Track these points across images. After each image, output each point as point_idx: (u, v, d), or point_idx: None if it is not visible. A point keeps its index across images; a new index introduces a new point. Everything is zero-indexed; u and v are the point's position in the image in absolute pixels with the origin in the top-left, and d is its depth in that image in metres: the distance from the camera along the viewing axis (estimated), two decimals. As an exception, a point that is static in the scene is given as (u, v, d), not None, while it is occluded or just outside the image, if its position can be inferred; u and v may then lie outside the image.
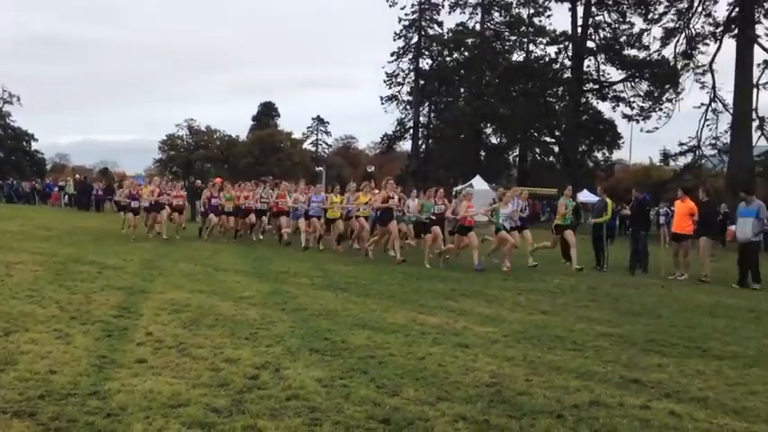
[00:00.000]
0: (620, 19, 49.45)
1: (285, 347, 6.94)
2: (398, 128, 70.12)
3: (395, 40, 69.27)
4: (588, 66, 51.99)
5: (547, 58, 54.36)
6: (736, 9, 40.52)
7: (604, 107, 54.85)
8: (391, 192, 17.35)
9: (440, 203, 16.95)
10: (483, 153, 64.06)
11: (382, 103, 70.12)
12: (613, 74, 51.26)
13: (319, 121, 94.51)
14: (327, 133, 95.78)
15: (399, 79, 69.50)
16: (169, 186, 22.13)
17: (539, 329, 8.58)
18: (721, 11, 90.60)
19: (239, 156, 68.87)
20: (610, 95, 51.65)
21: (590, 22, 50.75)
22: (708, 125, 42.45)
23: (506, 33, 61.62)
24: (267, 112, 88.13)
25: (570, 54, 52.12)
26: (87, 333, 7.25)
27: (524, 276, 14.47)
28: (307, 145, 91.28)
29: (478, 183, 42.04)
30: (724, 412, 5.46)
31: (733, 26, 40.77)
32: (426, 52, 68.73)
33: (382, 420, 4.91)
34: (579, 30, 51.12)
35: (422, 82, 68.06)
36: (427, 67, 68.12)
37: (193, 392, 5.33)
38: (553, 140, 57.21)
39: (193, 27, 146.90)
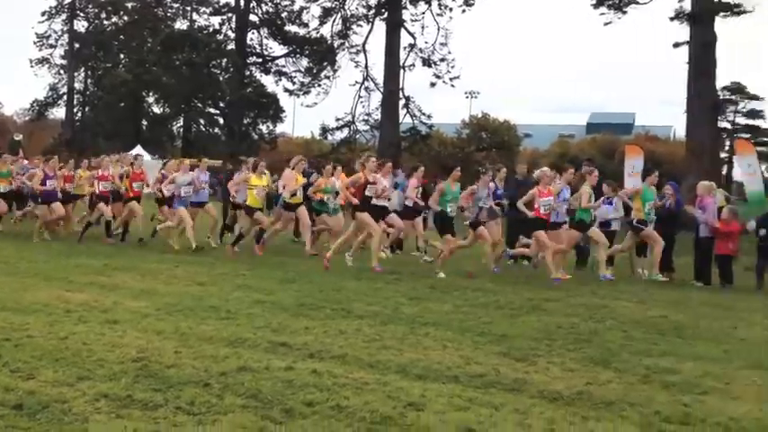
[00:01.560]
0: (282, -5, 50.61)
1: None
2: (51, 93, 64.91)
3: (46, -2, 63.93)
4: (252, 39, 52.56)
5: (211, 29, 53.98)
6: (386, -6, 43.60)
7: (268, 81, 56.00)
8: (370, 174, 12.48)
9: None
10: (145, 123, 61.85)
11: (32, 66, 64.37)
12: (276, 48, 52.45)
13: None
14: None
15: (52, 41, 64.26)
16: None
17: (194, 300, 8.56)
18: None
19: None
20: (273, 69, 52.74)
21: (252, -4, 51.27)
22: (361, 102, 45.42)
23: (168, 0, 59.92)
24: None
25: (234, 26, 52.23)
26: None
27: (183, 250, 14.26)
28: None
29: (139, 153, 40.52)
30: (360, 367, 5.91)
31: (383, 10, 43.80)
32: (82, 14, 64.30)
33: (14, 406, 4.58)
34: (242, 2, 51.37)
35: (77, 45, 63.62)
36: (83, 30, 63.83)
37: None
38: (218, 112, 57.03)
39: None
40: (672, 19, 34.03)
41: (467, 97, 67.51)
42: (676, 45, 34.74)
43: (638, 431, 4.65)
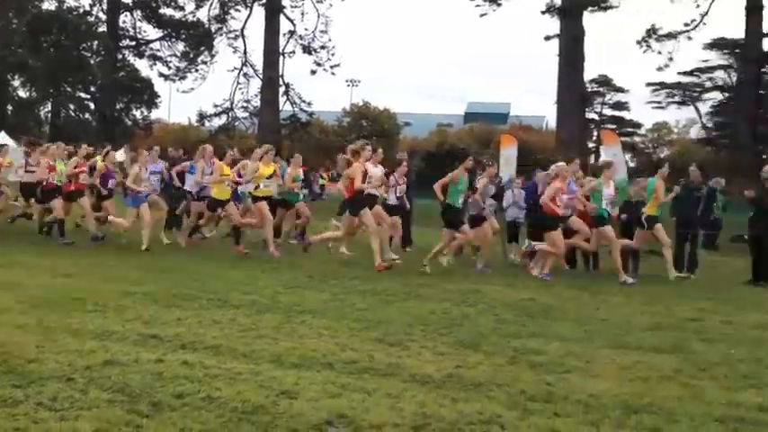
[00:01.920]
0: (155, -23, 49.07)
1: None
2: None
3: None
4: (125, 22, 50.72)
5: (81, 10, 51.68)
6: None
7: (142, 65, 54.15)
8: (368, 163, 11.70)
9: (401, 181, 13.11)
10: (10, 107, 58.70)
11: None
12: (150, 32, 50.81)
13: None
14: None
15: None
16: None
17: (59, 293, 8.20)
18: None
19: None
20: (147, 53, 51.09)
21: (121, -22, 49.48)
22: (240, 88, 44.72)
23: (36, -21, 56.99)
24: None
25: (105, 8, 50.24)
26: None
27: (48, 238, 13.65)
28: None
29: (4, 139, 38.44)
30: (234, 357, 5.84)
31: (261, -6, 43.28)
32: (-62, -8, 60.28)
33: None
34: (115, -17, 49.48)
35: (-67, 25, 59.60)
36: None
37: None
38: (88, 97, 54.77)
39: None
40: (543, 12, 35.31)
41: (348, 85, 67.70)
42: (547, 38, 36.13)
43: (504, 410, 4.80)
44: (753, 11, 34.06)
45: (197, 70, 47.51)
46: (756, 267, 12.57)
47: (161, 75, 49.70)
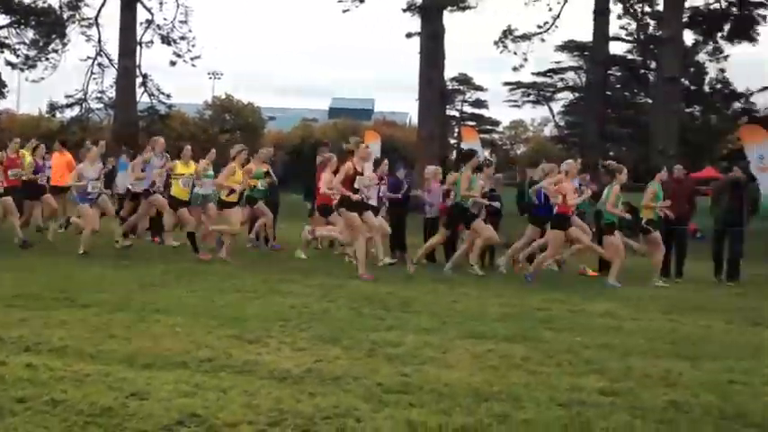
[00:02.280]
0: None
1: None
2: None
3: None
4: (-31, 7, 47.40)
5: None
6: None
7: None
8: (359, 163, 11.04)
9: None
10: None
11: None
12: (-2, 19, 47.68)
13: None
14: None
15: None
16: None
17: None
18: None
19: None
20: (-6, 41, 47.98)
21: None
22: (95, 79, 42.65)
23: None
24: None
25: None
26: None
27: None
28: None
29: None
30: (81, 358, 5.58)
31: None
32: None
33: None
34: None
35: None
36: None
37: None
38: (-73, 85, 50.92)
39: None
40: (404, 10, 35.83)
41: (210, 78, 66.37)
42: (409, 35, 36.68)
43: (360, 403, 4.84)
44: (600, 15, 35.94)
45: (48, 59, 44.83)
46: (602, 258, 13.30)
47: (8, 63, 46.58)
